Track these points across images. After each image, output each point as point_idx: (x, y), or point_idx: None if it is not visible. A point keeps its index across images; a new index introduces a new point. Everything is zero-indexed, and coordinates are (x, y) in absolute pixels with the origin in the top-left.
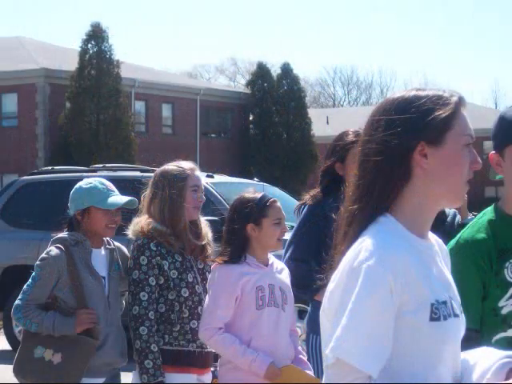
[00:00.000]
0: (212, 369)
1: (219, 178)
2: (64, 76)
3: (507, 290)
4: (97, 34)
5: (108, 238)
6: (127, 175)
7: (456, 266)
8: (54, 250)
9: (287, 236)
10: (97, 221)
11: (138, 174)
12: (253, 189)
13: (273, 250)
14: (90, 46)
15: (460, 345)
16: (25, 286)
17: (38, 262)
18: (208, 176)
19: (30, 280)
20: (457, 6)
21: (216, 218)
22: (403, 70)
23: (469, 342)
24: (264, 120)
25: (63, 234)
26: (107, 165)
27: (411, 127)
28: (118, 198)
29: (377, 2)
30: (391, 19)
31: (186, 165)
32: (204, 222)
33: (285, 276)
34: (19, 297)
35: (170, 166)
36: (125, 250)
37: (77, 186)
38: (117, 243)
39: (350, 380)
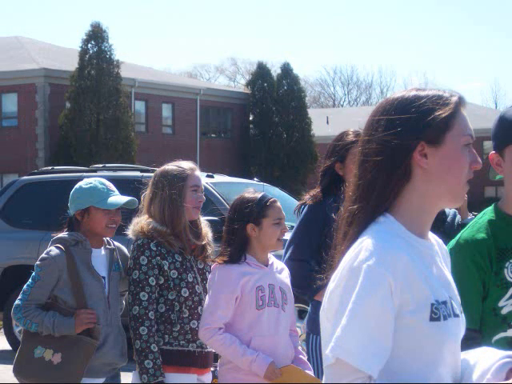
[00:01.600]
0: (212, 369)
1: (219, 178)
2: (64, 76)
3: (507, 290)
4: (97, 34)
5: (108, 238)
6: (127, 175)
7: (456, 266)
8: (54, 250)
9: (287, 236)
10: (97, 221)
11: (137, 173)
12: (253, 189)
13: (273, 250)
14: (89, 46)
15: (460, 345)
16: (25, 286)
17: (38, 262)
18: (208, 176)
19: (30, 280)
20: (457, 5)
21: (216, 218)
22: (403, 70)
23: (469, 342)
24: (264, 120)
25: (63, 234)
26: (107, 165)
27: (411, 127)
28: (118, 198)
29: (377, 2)
30: (391, 19)
31: (186, 165)
32: (204, 222)
33: (285, 276)
34: (19, 297)
35: (170, 166)
36: (125, 249)
37: (77, 186)
38: (117, 243)
39: (350, 380)
